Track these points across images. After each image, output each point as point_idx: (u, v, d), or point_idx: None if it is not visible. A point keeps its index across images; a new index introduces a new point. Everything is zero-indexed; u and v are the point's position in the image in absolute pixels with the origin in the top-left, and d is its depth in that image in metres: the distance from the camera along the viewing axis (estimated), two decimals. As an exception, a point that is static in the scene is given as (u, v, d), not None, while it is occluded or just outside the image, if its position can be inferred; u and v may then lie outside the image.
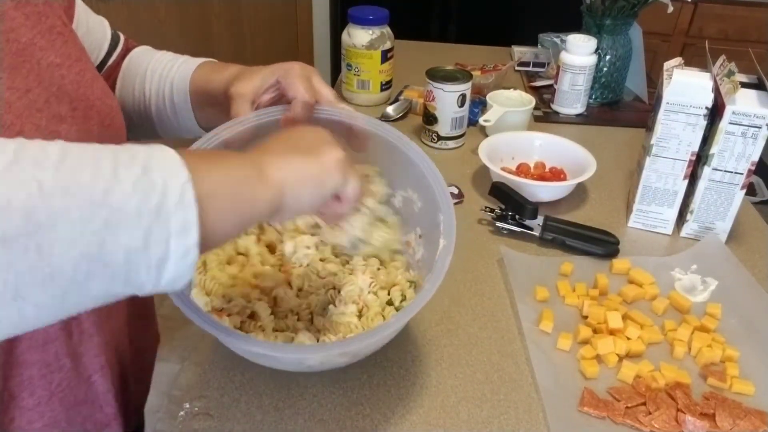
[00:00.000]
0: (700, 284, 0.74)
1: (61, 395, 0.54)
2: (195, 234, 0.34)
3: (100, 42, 0.68)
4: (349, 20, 1.16)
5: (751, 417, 0.57)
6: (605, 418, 0.58)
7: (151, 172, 0.34)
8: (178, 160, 0.35)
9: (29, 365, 0.51)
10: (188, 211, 0.34)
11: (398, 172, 0.61)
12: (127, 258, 0.33)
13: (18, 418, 0.52)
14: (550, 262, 0.78)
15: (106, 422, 0.60)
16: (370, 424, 0.56)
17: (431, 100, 1.02)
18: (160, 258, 0.34)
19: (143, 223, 0.33)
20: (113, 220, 0.32)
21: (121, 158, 0.34)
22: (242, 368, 0.61)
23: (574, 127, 1.16)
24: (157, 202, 0.33)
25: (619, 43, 1.20)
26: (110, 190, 0.32)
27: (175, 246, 0.34)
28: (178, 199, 0.34)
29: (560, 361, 0.64)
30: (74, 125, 0.51)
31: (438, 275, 0.51)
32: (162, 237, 0.33)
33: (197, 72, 0.67)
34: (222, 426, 0.55)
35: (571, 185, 0.90)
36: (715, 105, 0.76)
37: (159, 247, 0.33)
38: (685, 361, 0.64)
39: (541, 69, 1.38)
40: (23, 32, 0.49)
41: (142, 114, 0.70)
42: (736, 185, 0.78)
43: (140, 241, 0.33)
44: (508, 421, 0.57)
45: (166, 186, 0.34)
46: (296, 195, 0.42)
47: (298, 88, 0.57)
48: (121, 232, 0.32)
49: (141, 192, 0.33)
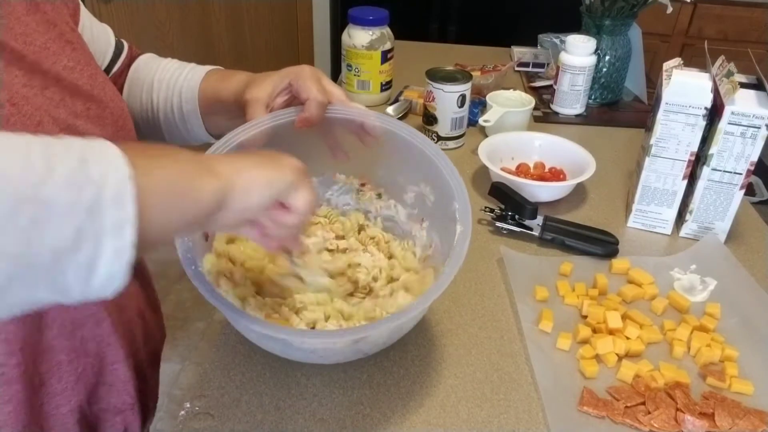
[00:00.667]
0: (699, 284, 0.74)
1: (85, 380, 0.56)
2: (131, 232, 0.32)
3: (104, 49, 0.68)
4: (350, 21, 1.16)
5: (750, 416, 0.57)
6: (605, 417, 0.58)
7: (88, 164, 0.31)
8: (118, 154, 0.33)
9: (58, 351, 0.53)
10: (126, 207, 0.32)
11: (411, 167, 0.63)
12: (55, 258, 0.30)
13: (47, 403, 0.54)
14: (550, 262, 0.78)
15: (123, 408, 0.61)
16: (370, 423, 0.56)
17: (431, 100, 1.02)
18: (91, 257, 0.31)
19: (75, 219, 0.30)
20: (42, 216, 0.29)
21: (56, 149, 0.31)
22: (243, 368, 0.61)
23: (573, 127, 1.16)
24: (92, 196, 0.31)
25: (618, 43, 1.20)
26: (41, 183, 0.29)
27: (108, 244, 0.31)
28: (115, 193, 0.31)
29: (560, 361, 0.64)
30: (89, 122, 0.52)
31: (457, 260, 0.52)
32: (94, 234, 0.31)
33: (205, 81, 0.68)
34: (222, 425, 0.56)
35: (570, 185, 0.90)
36: (715, 105, 0.76)
37: (90, 245, 0.31)
38: (685, 360, 0.65)
39: (540, 69, 1.38)
40: (37, 36, 0.50)
41: (149, 122, 0.71)
42: (735, 185, 0.78)
43: (70, 240, 0.30)
44: (507, 420, 0.57)
45: (104, 180, 0.31)
46: (244, 189, 0.40)
47: (311, 89, 0.58)
48: (50, 228, 0.29)
49: (75, 186, 0.30)
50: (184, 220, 0.37)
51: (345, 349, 0.55)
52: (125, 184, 0.32)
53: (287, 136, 0.59)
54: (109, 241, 0.31)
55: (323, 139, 0.63)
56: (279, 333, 0.52)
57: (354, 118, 0.60)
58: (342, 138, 0.63)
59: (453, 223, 0.57)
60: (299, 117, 0.58)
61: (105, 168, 0.32)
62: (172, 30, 1.82)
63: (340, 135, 0.63)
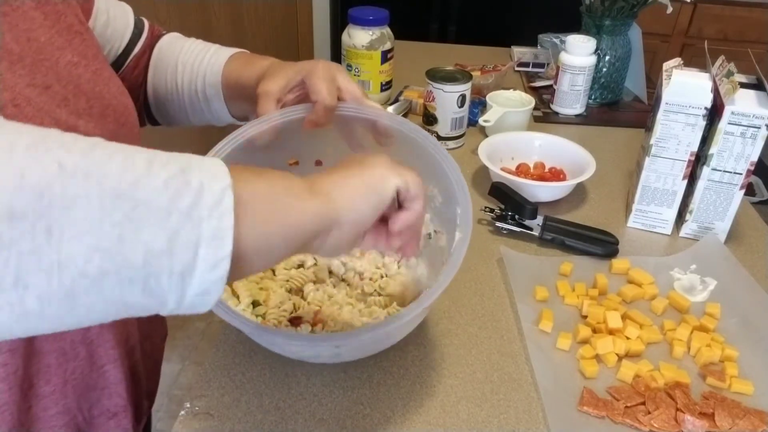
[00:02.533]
0: (699, 284, 0.74)
1: (74, 383, 0.55)
2: (229, 243, 0.31)
3: (122, 30, 0.68)
4: (350, 21, 1.16)
5: (750, 416, 0.57)
6: (605, 417, 0.58)
7: (189, 171, 0.31)
8: (220, 165, 0.33)
9: (46, 353, 0.52)
10: (224, 216, 0.31)
11: (421, 168, 0.62)
12: (147, 260, 0.29)
13: (34, 405, 0.53)
14: (550, 262, 0.78)
15: (116, 411, 0.61)
16: (370, 423, 0.56)
17: (431, 100, 1.02)
18: (186, 266, 0.30)
19: (171, 223, 0.30)
20: (136, 215, 0.29)
21: (159, 157, 0.31)
22: (243, 368, 0.61)
23: (573, 127, 1.16)
24: (190, 202, 0.30)
25: (618, 43, 1.20)
26: (138, 182, 0.29)
27: (204, 255, 0.30)
28: (214, 202, 0.31)
29: (560, 361, 0.64)
30: (91, 122, 0.52)
31: (453, 266, 0.52)
32: (190, 242, 0.30)
33: (229, 66, 0.68)
34: (222, 425, 0.56)
35: (570, 185, 0.90)
36: (714, 105, 0.76)
37: (185, 252, 0.30)
38: (685, 360, 0.65)
39: (540, 69, 1.38)
40: (42, 32, 0.50)
41: (175, 104, 0.72)
42: (735, 185, 0.78)
43: (164, 243, 0.30)
44: (507, 420, 0.57)
45: (203, 187, 0.31)
46: (351, 204, 0.39)
47: (321, 91, 0.57)
48: (144, 229, 0.29)
49: (173, 189, 0.30)
50: (286, 236, 0.36)
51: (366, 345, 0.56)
52: (226, 195, 0.31)
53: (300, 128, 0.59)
54: (206, 251, 0.31)
55: (340, 132, 0.63)
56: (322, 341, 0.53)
57: (367, 117, 0.59)
58: (358, 133, 0.63)
59: (455, 228, 0.57)
60: (307, 119, 0.58)
61: (205, 176, 0.31)
62: (172, 30, 1.82)
63: (357, 130, 0.63)
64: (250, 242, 0.33)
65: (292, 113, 0.58)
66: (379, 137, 0.60)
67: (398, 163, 0.45)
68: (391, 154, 0.63)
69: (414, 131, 0.60)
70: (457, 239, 0.55)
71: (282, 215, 0.35)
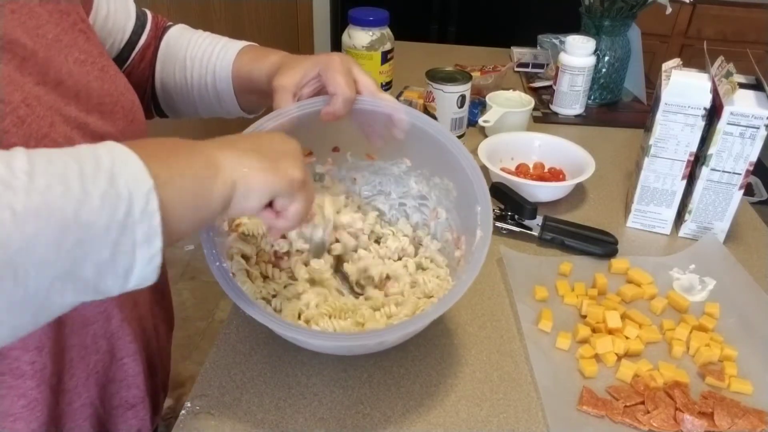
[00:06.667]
0: (698, 284, 0.74)
1: (96, 376, 0.56)
2: (159, 241, 0.36)
3: (124, 23, 0.67)
4: (349, 21, 1.16)
5: (749, 416, 0.57)
6: (604, 416, 0.58)
7: (117, 181, 0.34)
8: (141, 166, 0.36)
9: (70, 348, 0.53)
10: (152, 219, 0.35)
11: (436, 160, 0.64)
12: (97, 270, 0.34)
13: (61, 400, 0.54)
14: (549, 262, 0.78)
15: (134, 403, 0.61)
16: (370, 422, 0.57)
17: (431, 100, 1.02)
18: (127, 267, 0.35)
19: (111, 236, 0.34)
20: (85, 238, 0.33)
21: (87, 169, 0.34)
22: (243, 368, 0.61)
23: (573, 127, 1.17)
24: (124, 213, 0.34)
25: (617, 44, 1.20)
26: (81, 208, 0.33)
27: (141, 254, 0.35)
28: (142, 208, 0.35)
29: (559, 361, 0.64)
30: (101, 119, 0.52)
31: (475, 266, 0.54)
32: (129, 248, 0.35)
33: (239, 60, 0.68)
34: (223, 425, 0.56)
35: (570, 185, 0.90)
36: (714, 106, 0.76)
37: (126, 257, 0.35)
38: (684, 360, 0.65)
39: (540, 70, 1.38)
40: (49, 28, 0.50)
41: (184, 98, 0.72)
42: (734, 185, 0.78)
43: (108, 254, 0.34)
44: (507, 420, 0.58)
45: (132, 196, 0.34)
46: (245, 193, 0.43)
47: (339, 83, 0.58)
48: (92, 247, 0.33)
49: (108, 205, 0.33)
50: (199, 220, 0.41)
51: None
52: (151, 198, 0.35)
53: (317, 119, 0.59)
54: (141, 252, 0.35)
55: (357, 124, 0.64)
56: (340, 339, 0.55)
57: (382, 110, 0.60)
58: (375, 125, 0.64)
59: (473, 224, 0.59)
60: (324, 110, 0.59)
61: (131, 181, 0.35)
62: (172, 30, 1.82)
63: (374, 123, 0.63)
64: (172, 230, 0.38)
65: (308, 106, 0.59)
66: (394, 130, 0.61)
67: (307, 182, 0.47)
68: (406, 147, 0.64)
69: (430, 125, 0.61)
70: (478, 238, 0.58)
71: (197, 207, 0.40)
